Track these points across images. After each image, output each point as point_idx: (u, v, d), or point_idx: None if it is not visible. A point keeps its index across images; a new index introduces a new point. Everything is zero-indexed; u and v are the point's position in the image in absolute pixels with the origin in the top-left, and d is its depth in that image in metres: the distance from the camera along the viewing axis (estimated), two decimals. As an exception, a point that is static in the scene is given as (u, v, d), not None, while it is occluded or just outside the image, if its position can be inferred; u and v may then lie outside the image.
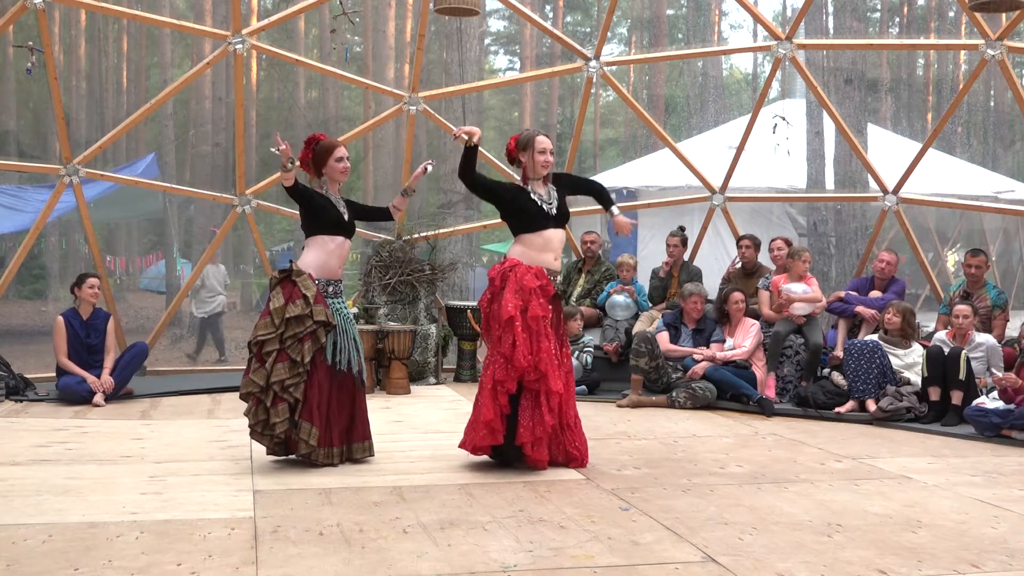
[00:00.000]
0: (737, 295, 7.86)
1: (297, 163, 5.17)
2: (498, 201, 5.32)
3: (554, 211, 5.25)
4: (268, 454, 5.27)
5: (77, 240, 22.61)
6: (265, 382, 5.04)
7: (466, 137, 5.11)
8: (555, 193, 5.33)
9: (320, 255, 5.30)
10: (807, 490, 4.85)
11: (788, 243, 8.37)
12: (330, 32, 20.17)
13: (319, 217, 5.29)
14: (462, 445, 5.30)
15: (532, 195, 5.23)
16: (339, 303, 5.36)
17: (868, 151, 11.28)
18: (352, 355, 5.29)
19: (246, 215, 9.26)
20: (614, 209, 5.42)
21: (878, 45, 18.06)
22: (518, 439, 5.09)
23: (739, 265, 8.65)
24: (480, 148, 5.35)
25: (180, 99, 23.13)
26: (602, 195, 5.53)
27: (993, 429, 6.26)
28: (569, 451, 5.24)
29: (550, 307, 5.19)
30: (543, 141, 5.28)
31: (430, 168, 5.63)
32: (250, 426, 5.18)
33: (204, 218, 17.75)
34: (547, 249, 5.25)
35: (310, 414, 5.09)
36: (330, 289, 5.32)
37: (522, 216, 5.24)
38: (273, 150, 5.15)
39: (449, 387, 8.65)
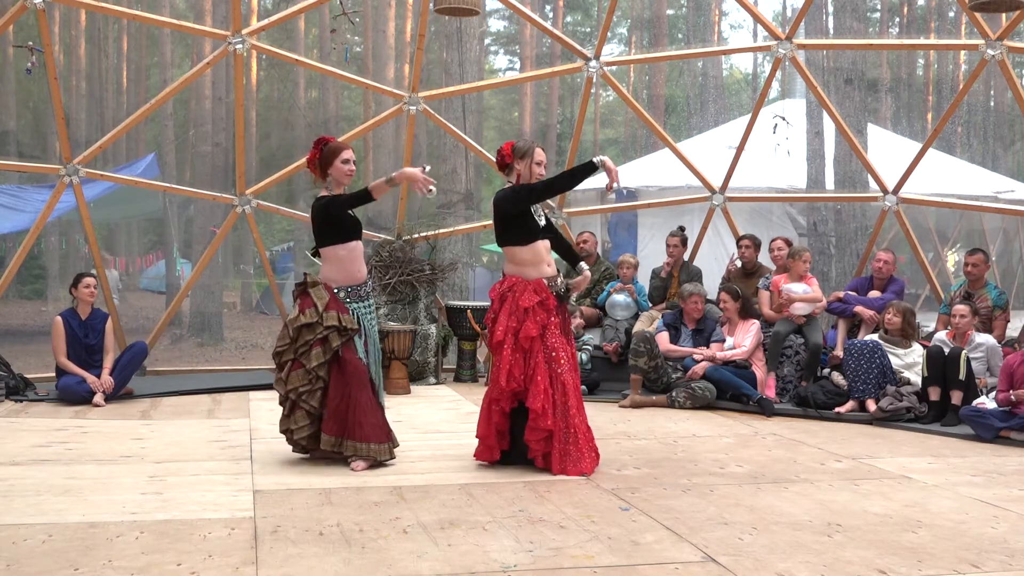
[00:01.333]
0: (721, 294, 7.88)
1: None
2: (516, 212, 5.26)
3: (542, 222, 5.29)
4: (294, 451, 5.44)
5: (77, 240, 22.62)
6: (284, 391, 5.23)
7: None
8: (540, 206, 5.38)
9: (337, 266, 5.33)
10: (807, 490, 4.85)
11: (788, 243, 8.37)
12: (330, 32, 20.16)
13: (336, 227, 5.30)
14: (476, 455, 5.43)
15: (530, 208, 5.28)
16: (365, 307, 5.37)
17: (868, 151, 11.28)
18: (361, 356, 5.31)
19: (246, 215, 9.26)
20: None
21: (878, 45, 18.06)
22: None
23: (739, 263, 8.66)
24: (481, 148, 5.36)
25: (180, 99, 23.13)
26: None
27: (991, 431, 6.26)
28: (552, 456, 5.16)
29: (552, 317, 5.21)
30: (541, 153, 5.33)
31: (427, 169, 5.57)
32: (280, 431, 5.37)
33: (204, 218, 17.73)
34: (540, 260, 5.27)
35: (329, 425, 5.17)
36: (355, 293, 5.35)
37: (522, 228, 5.24)
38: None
39: (449, 387, 8.65)
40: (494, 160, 5.49)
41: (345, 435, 5.16)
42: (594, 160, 5.11)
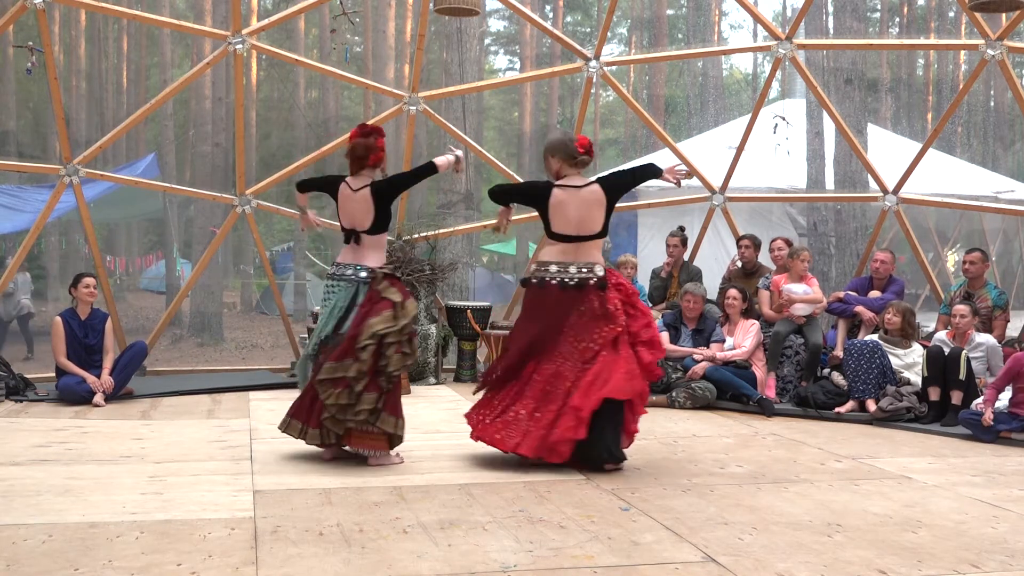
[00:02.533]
0: (732, 291, 7.86)
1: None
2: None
3: None
4: (311, 444, 5.29)
5: (77, 240, 22.61)
6: (362, 370, 5.07)
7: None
8: None
9: (382, 253, 5.47)
10: (807, 490, 4.85)
11: (788, 243, 8.37)
12: (330, 32, 20.18)
13: (390, 214, 5.46)
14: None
15: None
16: None
17: (868, 151, 11.28)
18: None
19: (246, 215, 9.26)
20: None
21: (878, 45, 18.06)
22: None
23: (739, 264, 8.66)
24: (481, 148, 5.42)
25: (180, 99, 23.14)
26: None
27: (992, 433, 6.25)
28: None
29: None
30: None
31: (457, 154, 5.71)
32: (330, 409, 5.11)
33: (204, 218, 17.75)
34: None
35: (394, 407, 5.22)
36: None
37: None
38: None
39: (449, 387, 8.64)
40: (494, 159, 5.54)
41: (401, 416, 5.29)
42: (656, 167, 5.51)
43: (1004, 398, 6.40)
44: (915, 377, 7.06)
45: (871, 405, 7.01)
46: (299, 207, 5.84)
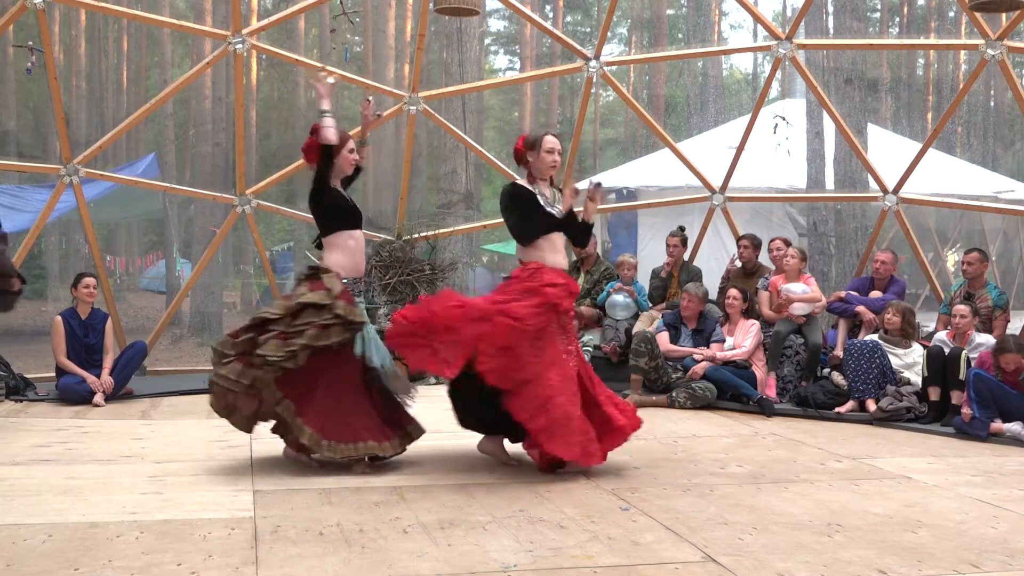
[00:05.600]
0: (733, 291, 7.86)
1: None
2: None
3: (558, 213, 5.23)
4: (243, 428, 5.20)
5: (77, 240, 22.62)
6: (251, 351, 4.90)
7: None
8: (559, 195, 5.31)
9: (345, 254, 5.27)
10: (807, 490, 4.85)
11: (787, 243, 8.36)
12: (330, 32, 20.17)
13: (336, 210, 5.28)
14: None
15: (539, 198, 5.17)
16: (359, 303, 5.29)
17: (868, 151, 11.27)
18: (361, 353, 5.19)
19: (246, 215, 9.26)
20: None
21: (878, 45, 18.08)
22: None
23: (739, 264, 8.66)
24: (481, 148, 5.34)
25: (180, 99, 23.12)
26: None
27: (984, 428, 6.26)
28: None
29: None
30: (551, 141, 5.19)
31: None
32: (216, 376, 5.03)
33: (204, 218, 17.76)
34: (557, 250, 5.20)
35: (312, 418, 4.92)
36: (356, 287, 5.31)
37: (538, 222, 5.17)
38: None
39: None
40: (494, 159, 5.51)
41: (325, 435, 4.90)
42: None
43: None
44: (915, 377, 7.06)
45: (871, 405, 7.01)
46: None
